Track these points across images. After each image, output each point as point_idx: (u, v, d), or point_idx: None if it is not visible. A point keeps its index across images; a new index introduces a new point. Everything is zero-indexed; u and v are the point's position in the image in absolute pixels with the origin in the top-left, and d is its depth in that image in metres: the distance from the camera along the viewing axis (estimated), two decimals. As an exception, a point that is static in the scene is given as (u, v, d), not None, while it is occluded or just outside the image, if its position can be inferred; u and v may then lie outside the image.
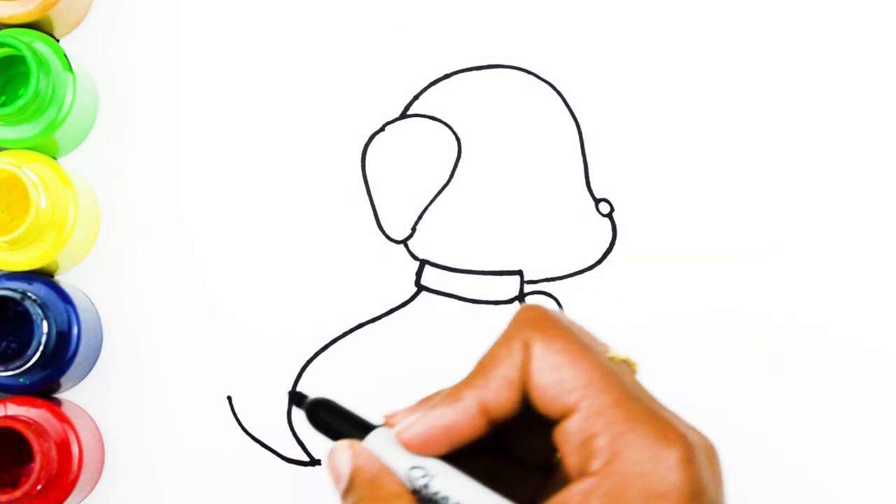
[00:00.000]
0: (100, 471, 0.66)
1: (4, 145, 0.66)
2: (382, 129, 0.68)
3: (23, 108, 0.62)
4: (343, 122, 0.68)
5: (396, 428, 0.47)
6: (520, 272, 0.67)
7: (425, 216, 0.67)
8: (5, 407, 0.63)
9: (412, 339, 0.67)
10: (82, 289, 0.67)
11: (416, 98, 0.68)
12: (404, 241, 0.67)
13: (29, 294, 0.62)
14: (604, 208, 0.67)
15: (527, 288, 0.67)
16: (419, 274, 0.67)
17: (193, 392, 0.66)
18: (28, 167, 0.63)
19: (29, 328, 0.62)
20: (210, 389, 0.66)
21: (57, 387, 0.65)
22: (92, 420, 0.66)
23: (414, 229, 0.67)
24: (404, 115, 0.68)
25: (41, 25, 0.67)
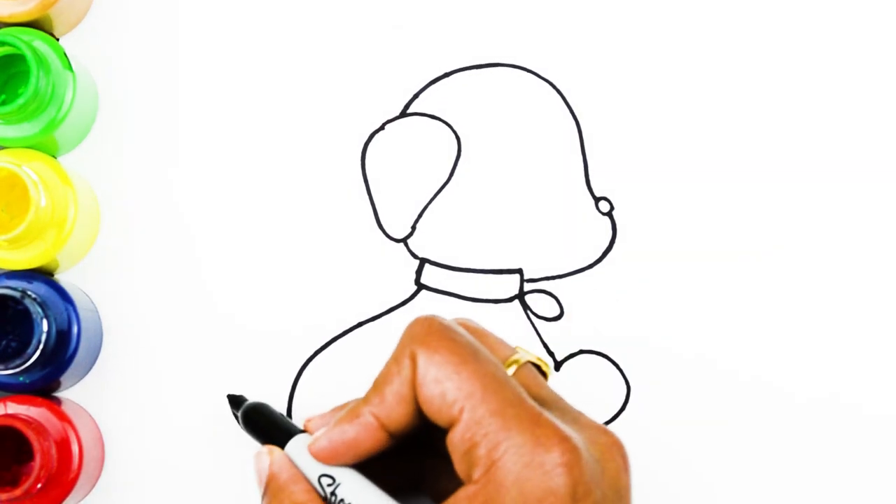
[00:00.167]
0: (100, 469, 0.66)
1: (4, 144, 0.66)
2: (382, 128, 0.68)
3: (23, 107, 0.62)
4: (343, 121, 0.68)
5: (311, 438, 0.50)
6: (520, 271, 0.67)
7: (425, 215, 0.67)
8: (5, 405, 0.63)
9: (412, 338, 0.67)
10: (82, 287, 0.67)
11: (416, 97, 0.68)
12: (404, 240, 0.67)
13: (29, 293, 0.62)
14: (603, 207, 0.67)
15: (526, 286, 0.67)
16: (419, 272, 0.67)
17: (193, 391, 0.66)
18: (28, 166, 0.63)
19: (29, 327, 0.61)
20: (210, 388, 0.66)
21: (57, 385, 0.65)
22: (92, 419, 0.66)
23: (414, 228, 0.67)
24: (404, 114, 0.68)
25: (41, 24, 0.67)
